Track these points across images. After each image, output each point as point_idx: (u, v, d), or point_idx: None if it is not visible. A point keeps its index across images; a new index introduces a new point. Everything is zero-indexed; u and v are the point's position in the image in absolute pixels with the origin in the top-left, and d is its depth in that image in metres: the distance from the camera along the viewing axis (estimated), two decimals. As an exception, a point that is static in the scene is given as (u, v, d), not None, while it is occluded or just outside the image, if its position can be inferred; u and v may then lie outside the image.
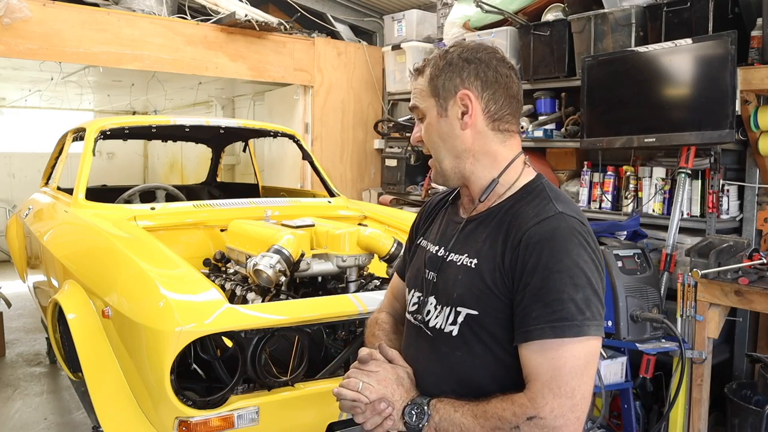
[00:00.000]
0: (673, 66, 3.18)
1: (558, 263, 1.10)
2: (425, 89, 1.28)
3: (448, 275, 1.27)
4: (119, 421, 2.07)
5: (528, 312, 1.11)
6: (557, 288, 1.09)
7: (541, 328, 1.09)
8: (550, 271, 1.10)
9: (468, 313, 1.21)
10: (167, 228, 2.91)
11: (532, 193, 1.25)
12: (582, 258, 1.12)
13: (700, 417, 2.91)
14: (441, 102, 1.26)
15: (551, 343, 1.08)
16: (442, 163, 1.29)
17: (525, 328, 1.11)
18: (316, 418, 2.17)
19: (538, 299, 1.10)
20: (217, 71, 4.84)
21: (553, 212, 1.17)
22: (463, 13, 4.55)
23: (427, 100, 1.28)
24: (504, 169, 1.27)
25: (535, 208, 1.19)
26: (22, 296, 5.37)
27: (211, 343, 2.07)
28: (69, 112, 8.87)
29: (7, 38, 3.98)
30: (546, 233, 1.13)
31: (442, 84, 1.25)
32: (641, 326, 2.87)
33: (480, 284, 1.20)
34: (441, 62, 1.26)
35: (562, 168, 4.13)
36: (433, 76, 1.26)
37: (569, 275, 1.10)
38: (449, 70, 1.25)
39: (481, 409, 1.12)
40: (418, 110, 1.30)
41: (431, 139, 1.29)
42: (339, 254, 2.52)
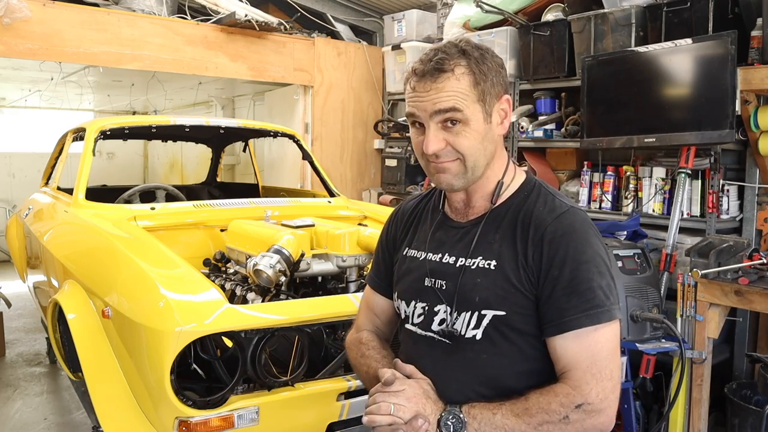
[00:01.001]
0: (673, 66, 3.18)
1: (583, 254, 1.15)
2: (468, 93, 1.18)
3: (463, 281, 1.24)
4: (119, 421, 2.07)
5: (561, 303, 1.14)
6: (587, 277, 1.13)
7: (578, 317, 1.12)
8: (579, 263, 1.14)
9: (495, 314, 1.20)
10: (167, 228, 2.91)
11: (533, 191, 1.26)
12: (600, 247, 1.18)
13: (700, 417, 2.91)
14: (486, 108, 1.20)
15: (587, 331, 1.12)
16: (478, 168, 1.22)
17: (560, 319, 1.13)
18: (316, 418, 2.18)
19: (571, 290, 1.13)
20: (217, 71, 4.84)
21: (566, 207, 1.21)
22: (463, 13, 4.55)
23: (471, 106, 1.18)
24: (505, 170, 1.29)
25: (546, 205, 1.22)
26: (22, 296, 5.36)
27: (211, 343, 2.07)
28: (69, 112, 8.87)
29: (7, 38, 3.98)
30: (567, 227, 1.17)
31: (489, 89, 1.20)
32: (641, 326, 2.87)
33: (504, 284, 1.20)
34: (483, 66, 1.19)
35: (562, 168, 4.13)
36: (478, 81, 1.19)
37: (594, 264, 1.14)
38: (492, 75, 1.20)
39: (521, 407, 1.13)
40: (455, 114, 1.18)
41: (472, 145, 1.20)
42: (339, 254, 2.52)
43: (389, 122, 5.38)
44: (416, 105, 1.20)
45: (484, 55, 1.21)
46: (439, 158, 1.21)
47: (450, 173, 1.22)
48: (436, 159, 1.21)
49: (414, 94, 1.20)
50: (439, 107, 1.17)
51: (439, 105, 1.17)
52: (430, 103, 1.18)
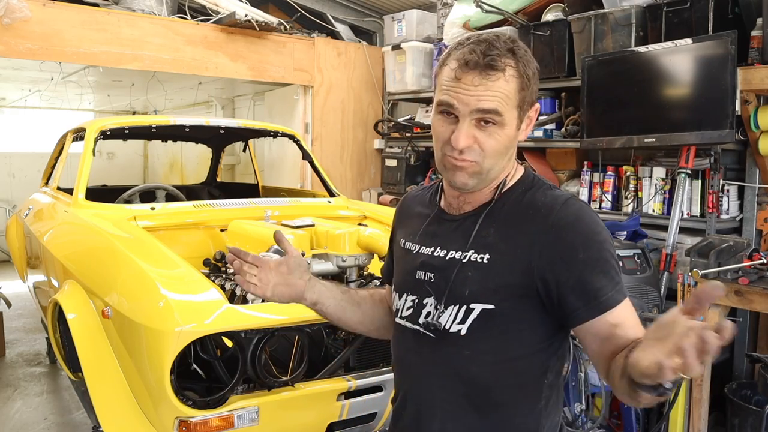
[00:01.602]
0: (673, 66, 3.18)
1: (599, 235, 1.16)
2: (512, 98, 1.15)
3: (454, 274, 1.23)
4: (119, 421, 2.07)
5: (592, 284, 1.13)
6: (608, 257, 1.15)
7: (612, 294, 1.13)
8: (599, 243, 1.15)
9: (483, 308, 1.18)
10: (167, 228, 2.91)
11: (531, 184, 1.25)
12: (605, 229, 1.20)
13: (700, 417, 2.91)
14: (521, 114, 1.19)
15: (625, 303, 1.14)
16: (490, 172, 1.20)
17: (596, 299, 1.12)
18: (316, 418, 2.18)
19: (599, 270, 1.14)
20: (217, 71, 4.84)
21: (568, 195, 1.22)
22: (463, 13, 4.55)
23: (510, 111, 1.16)
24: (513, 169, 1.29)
25: (546, 196, 1.22)
26: (22, 296, 5.36)
27: (211, 343, 2.08)
28: (69, 112, 8.87)
29: (7, 38, 3.98)
30: (576, 212, 1.17)
31: (528, 97, 1.18)
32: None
33: (496, 278, 1.18)
34: (528, 71, 1.17)
35: (562, 168, 4.14)
36: (522, 87, 1.16)
37: (609, 243, 1.17)
38: (533, 81, 1.19)
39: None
40: (495, 116, 1.14)
41: (498, 149, 1.17)
42: (339, 254, 2.51)
43: (389, 122, 5.38)
44: (457, 97, 1.14)
45: (529, 59, 1.19)
46: (462, 154, 1.17)
47: (466, 172, 1.19)
48: (459, 155, 1.17)
49: (457, 85, 1.14)
50: (483, 107, 1.13)
51: (483, 104, 1.13)
52: (474, 98, 1.13)
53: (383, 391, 2.26)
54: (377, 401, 2.26)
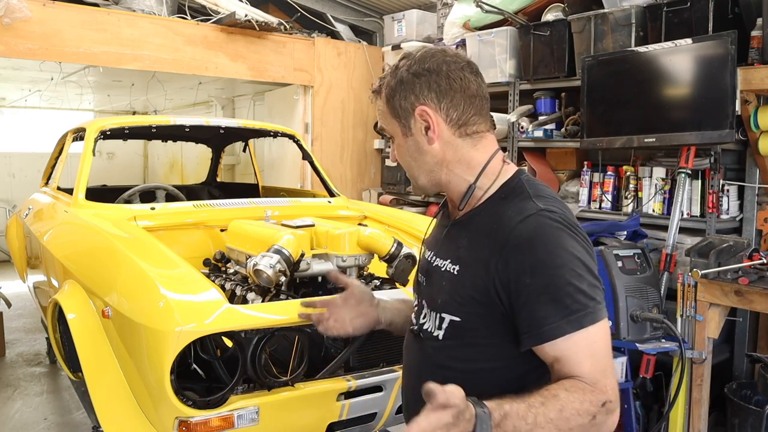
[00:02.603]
0: (673, 66, 3.18)
1: (557, 258, 1.09)
2: (386, 111, 1.26)
3: (435, 281, 1.28)
4: (119, 421, 2.07)
5: (538, 312, 1.08)
6: (563, 282, 1.08)
7: (557, 325, 1.07)
8: (552, 267, 1.09)
9: (451, 319, 1.21)
10: (167, 228, 2.91)
11: (512, 192, 1.21)
12: (576, 249, 1.11)
13: (700, 417, 2.91)
14: (403, 122, 1.24)
15: (576, 336, 1.07)
16: (417, 179, 1.28)
17: (539, 328, 1.08)
18: (316, 418, 2.18)
19: (547, 297, 1.08)
20: (217, 71, 4.84)
21: (534, 210, 1.14)
22: (463, 13, 4.55)
23: (390, 122, 1.26)
24: (479, 173, 1.24)
25: (515, 207, 1.17)
26: (22, 296, 5.37)
27: (211, 343, 2.07)
28: (69, 112, 8.87)
29: (7, 38, 3.98)
30: (533, 231, 1.11)
31: (399, 104, 1.23)
32: (641, 326, 2.87)
33: (462, 291, 1.19)
34: (392, 81, 1.24)
35: (562, 168, 4.14)
36: (389, 97, 1.24)
37: (570, 267, 1.09)
38: (402, 88, 1.22)
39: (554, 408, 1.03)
40: (385, 131, 1.29)
41: (403, 158, 1.28)
42: (339, 254, 2.51)
43: (389, 122, 5.38)
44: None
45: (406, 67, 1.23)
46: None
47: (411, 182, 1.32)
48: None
49: None
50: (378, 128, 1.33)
51: (378, 126, 1.33)
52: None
53: (383, 391, 2.26)
54: (377, 401, 2.26)
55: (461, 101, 1.22)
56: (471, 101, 1.23)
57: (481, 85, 1.25)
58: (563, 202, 1.22)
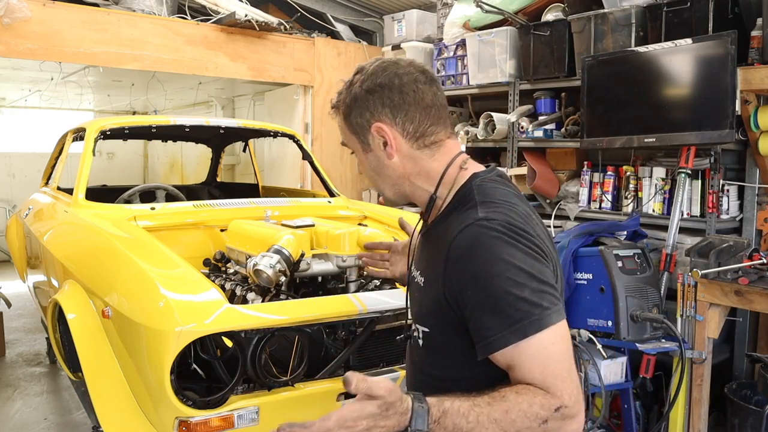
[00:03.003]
0: (673, 66, 3.18)
1: (492, 268, 1.06)
2: (344, 127, 1.28)
3: (412, 291, 1.33)
4: (119, 421, 2.07)
5: (483, 323, 1.07)
6: (502, 292, 1.05)
7: (501, 335, 1.05)
8: (488, 278, 1.06)
9: (423, 330, 1.25)
10: (167, 228, 2.91)
11: (462, 200, 1.20)
12: (514, 255, 1.07)
13: (700, 417, 2.91)
14: (362, 138, 1.25)
15: (522, 344, 1.04)
16: (384, 192, 1.31)
17: (485, 340, 1.07)
18: (316, 418, 2.17)
19: (488, 309, 1.07)
20: (217, 71, 4.84)
21: (472, 220, 1.12)
22: (463, 13, 4.55)
23: (350, 138, 1.28)
24: (437, 183, 1.24)
25: (459, 218, 1.15)
26: (22, 296, 5.37)
27: (211, 343, 2.07)
28: (69, 112, 8.87)
29: (7, 38, 3.98)
30: (469, 242, 1.10)
31: (356, 121, 1.24)
32: (641, 326, 2.87)
33: (427, 303, 1.22)
34: (348, 98, 1.25)
35: (562, 168, 4.13)
36: (346, 115, 1.26)
37: (507, 276, 1.06)
38: (356, 106, 1.23)
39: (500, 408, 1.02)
40: (347, 146, 1.31)
41: (367, 173, 1.31)
42: (339, 254, 2.51)
43: (389, 122, 5.38)
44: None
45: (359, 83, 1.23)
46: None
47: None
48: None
49: None
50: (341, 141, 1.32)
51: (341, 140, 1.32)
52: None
53: (383, 391, 2.26)
54: (377, 401, 2.26)
55: (416, 114, 1.22)
56: (426, 112, 1.22)
57: (437, 94, 1.24)
58: (515, 206, 1.16)
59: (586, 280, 3.00)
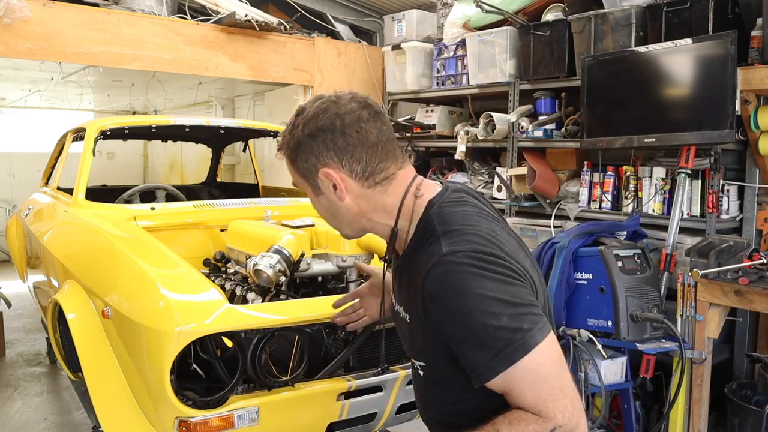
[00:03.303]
0: (673, 66, 3.18)
1: (465, 305, 1.06)
2: (292, 171, 1.26)
3: (399, 326, 1.32)
4: (119, 421, 2.07)
5: (468, 357, 1.09)
6: (480, 326, 1.05)
7: (491, 366, 1.06)
8: (465, 314, 1.06)
9: (420, 364, 1.25)
10: (167, 228, 2.91)
11: (424, 234, 1.18)
12: (484, 287, 1.06)
13: (700, 417, 2.91)
14: (311, 181, 1.23)
15: (510, 371, 1.05)
16: (341, 231, 1.30)
17: (475, 372, 1.08)
18: (316, 418, 2.17)
19: (471, 343, 1.07)
20: (217, 71, 4.84)
21: (437, 257, 1.10)
22: (463, 13, 4.55)
23: (299, 181, 1.26)
24: (396, 217, 1.23)
25: (425, 255, 1.13)
26: (22, 296, 5.36)
27: (211, 343, 2.07)
28: (69, 112, 8.87)
29: (7, 38, 3.98)
30: (439, 281, 1.09)
31: (303, 165, 1.22)
32: (641, 326, 2.87)
33: (417, 339, 1.21)
34: (291, 143, 1.22)
35: (562, 168, 4.13)
36: (292, 159, 1.23)
37: (483, 310, 1.05)
38: (301, 150, 1.21)
39: None
40: (297, 186, 1.29)
41: (321, 213, 1.29)
42: (339, 254, 2.51)
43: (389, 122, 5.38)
44: None
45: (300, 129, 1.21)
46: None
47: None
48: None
49: None
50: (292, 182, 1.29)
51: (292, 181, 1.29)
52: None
53: (383, 391, 2.26)
54: (377, 401, 2.26)
55: (362, 154, 1.19)
56: (373, 151, 1.20)
57: (382, 129, 1.21)
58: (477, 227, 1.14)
59: (586, 280, 3.00)
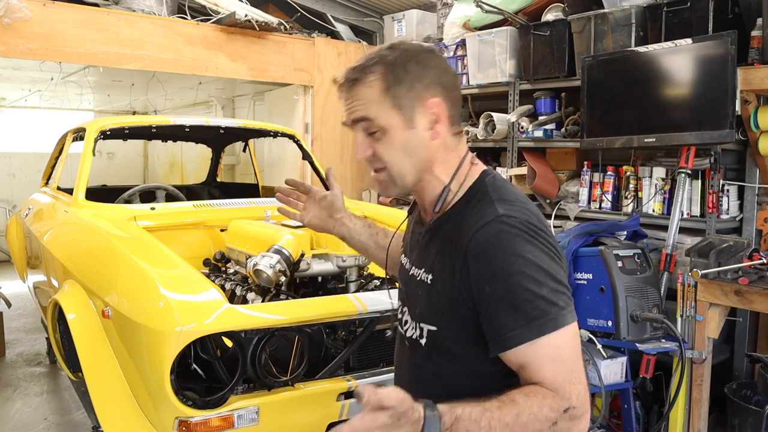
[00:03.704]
0: (673, 66, 3.18)
1: (513, 266, 1.07)
2: (380, 100, 1.16)
3: (412, 290, 1.27)
4: (119, 421, 2.07)
5: (497, 320, 1.08)
6: (521, 289, 1.06)
7: (519, 332, 1.06)
8: (508, 275, 1.07)
9: (429, 329, 1.21)
10: (167, 228, 2.91)
11: (476, 196, 1.19)
12: (533, 254, 1.08)
13: (700, 417, 2.91)
14: (406, 113, 1.16)
15: (537, 342, 1.05)
16: (404, 178, 1.20)
17: (501, 336, 1.07)
18: (316, 418, 2.18)
19: (506, 306, 1.07)
20: (217, 71, 4.84)
21: (492, 216, 1.11)
22: (463, 13, 4.55)
23: (385, 113, 1.16)
24: (453, 174, 1.21)
25: (477, 214, 1.14)
26: (22, 296, 5.36)
27: (211, 343, 2.07)
28: (69, 112, 8.87)
29: (7, 38, 3.98)
30: (489, 239, 1.09)
31: (404, 93, 1.15)
32: (641, 326, 2.87)
33: (437, 300, 1.18)
34: (394, 68, 1.16)
35: (562, 168, 4.13)
36: (391, 85, 1.16)
37: (527, 274, 1.06)
38: (407, 76, 1.16)
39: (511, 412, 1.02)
40: (370, 123, 1.18)
41: (393, 153, 1.18)
42: (339, 254, 2.52)
43: (389, 122, 5.38)
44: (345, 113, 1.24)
45: (404, 57, 1.17)
46: (372, 165, 1.22)
47: (381, 183, 1.24)
48: (369, 166, 1.23)
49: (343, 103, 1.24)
50: (353, 117, 1.20)
51: (353, 115, 1.19)
52: (348, 112, 1.21)
53: (383, 391, 2.26)
54: (377, 401, 2.26)
55: (458, 98, 1.22)
56: (460, 101, 1.24)
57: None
58: (528, 204, 1.17)
59: (586, 280, 3.00)
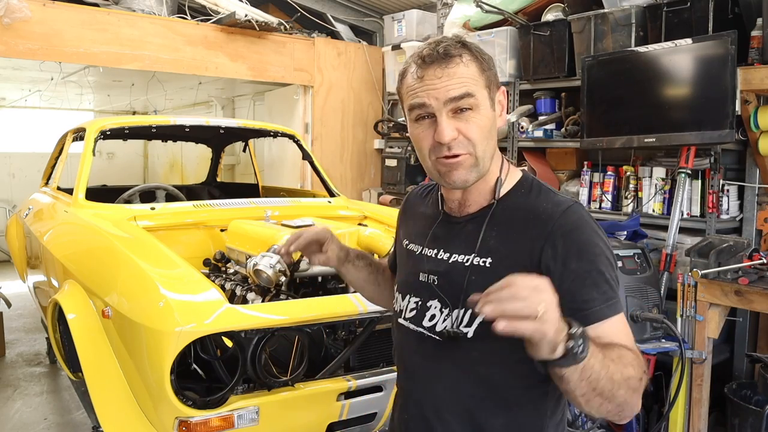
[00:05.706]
0: (673, 66, 3.18)
1: (596, 247, 1.14)
2: (477, 79, 1.15)
3: (455, 277, 1.23)
4: (119, 421, 2.07)
5: (582, 295, 1.11)
6: (603, 269, 1.13)
7: (599, 308, 1.11)
8: (594, 255, 1.13)
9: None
10: (167, 228, 2.91)
11: (533, 188, 1.25)
12: (606, 242, 1.17)
13: (700, 417, 2.91)
14: (491, 95, 1.19)
15: (614, 319, 1.11)
16: (485, 160, 1.19)
17: (584, 311, 1.10)
18: (316, 418, 2.18)
19: (590, 282, 1.12)
20: (217, 71, 4.84)
21: (571, 202, 1.19)
22: (463, 13, 4.55)
23: (480, 92, 1.16)
24: (501, 166, 1.26)
25: (549, 201, 1.20)
26: (22, 296, 5.36)
27: (211, 343, 2.07)
28: (69, 112, 8.87)
29: (7, 38, 3.98)
30: (577, 221, 1.16)
31: (492, 78, 1.19)
32: (641, 326, 2.87)
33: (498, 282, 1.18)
34: (481, 53, 1.19)
35: (562, 168, 4.14)
36: (483, 68, 1.17)
37: (605, 257, 1.14)
38: (492, 65, 1.20)
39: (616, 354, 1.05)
40: (472, 99, 1.14)
41: (482, 132, 1.16)
42: (339, 254, 2.51)
43: (389, 122, 5.38)
44: (427, 94, 1.14)
45: (480, 49, 1.22)
46: (451, 149, 1.15)
47: (463, 168, 1.17)
48: (448, 151, 1.15)
49: (422, 84, 1.15)
50: (454, 94, 1.13)
51: (453, 92, 1.13)
52: (443, 90, 1.13)
53: (383, 391, 2.26)
54: (377, 401, 2.26)
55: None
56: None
57: None
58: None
59: (586, 280, 3.00)
